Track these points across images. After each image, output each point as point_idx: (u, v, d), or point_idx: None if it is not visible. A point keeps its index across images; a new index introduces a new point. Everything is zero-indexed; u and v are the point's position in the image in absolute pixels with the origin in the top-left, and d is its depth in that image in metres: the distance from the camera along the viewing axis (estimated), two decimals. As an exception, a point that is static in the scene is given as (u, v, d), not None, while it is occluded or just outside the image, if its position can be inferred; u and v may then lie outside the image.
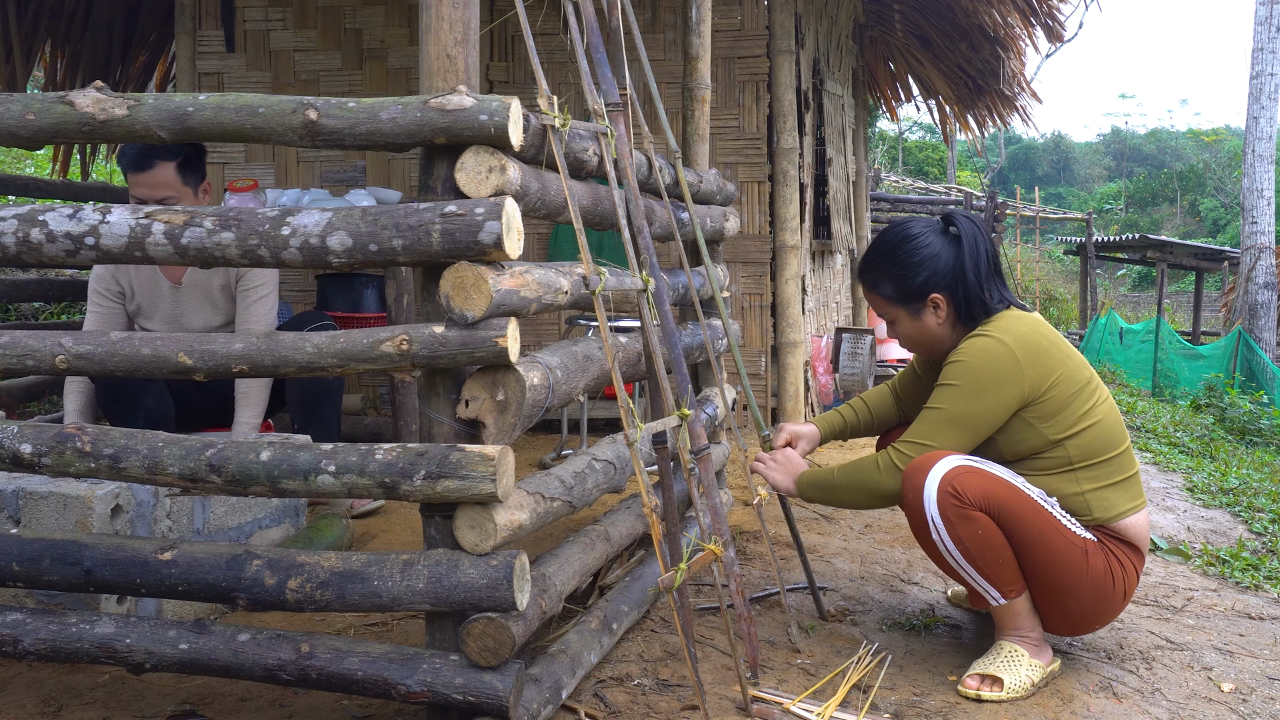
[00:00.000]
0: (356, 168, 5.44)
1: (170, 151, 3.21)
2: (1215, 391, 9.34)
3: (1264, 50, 12.24)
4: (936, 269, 2.42)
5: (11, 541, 2.07)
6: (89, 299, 3.43)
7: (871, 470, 2.38)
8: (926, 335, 2.47)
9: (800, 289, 5.39)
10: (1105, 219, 35.94)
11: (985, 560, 2.27)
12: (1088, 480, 2.35)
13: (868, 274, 2.51)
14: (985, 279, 2.41)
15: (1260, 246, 12.36)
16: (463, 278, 1.79)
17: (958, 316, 2.43)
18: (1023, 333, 2.34)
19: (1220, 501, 4.39)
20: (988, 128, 8.54)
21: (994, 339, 2.32)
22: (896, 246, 2.46)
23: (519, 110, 1.82)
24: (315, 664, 1.93)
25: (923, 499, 2.26)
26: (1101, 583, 2.32)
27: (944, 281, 2.41)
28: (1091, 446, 2.35)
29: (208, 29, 5.49)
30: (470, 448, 1.81)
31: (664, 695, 2.23)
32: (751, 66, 5.21)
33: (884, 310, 2.50)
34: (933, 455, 2.29)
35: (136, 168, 3.21)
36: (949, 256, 2.42)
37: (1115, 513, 2.35)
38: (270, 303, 3.41)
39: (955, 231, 2.45)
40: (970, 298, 2.41)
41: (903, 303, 2.46)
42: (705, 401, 3.22)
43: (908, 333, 2.50)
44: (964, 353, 2.34)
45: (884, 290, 2.47)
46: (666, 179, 2.89)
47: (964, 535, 2.25)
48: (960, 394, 2.31)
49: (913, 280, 2.43)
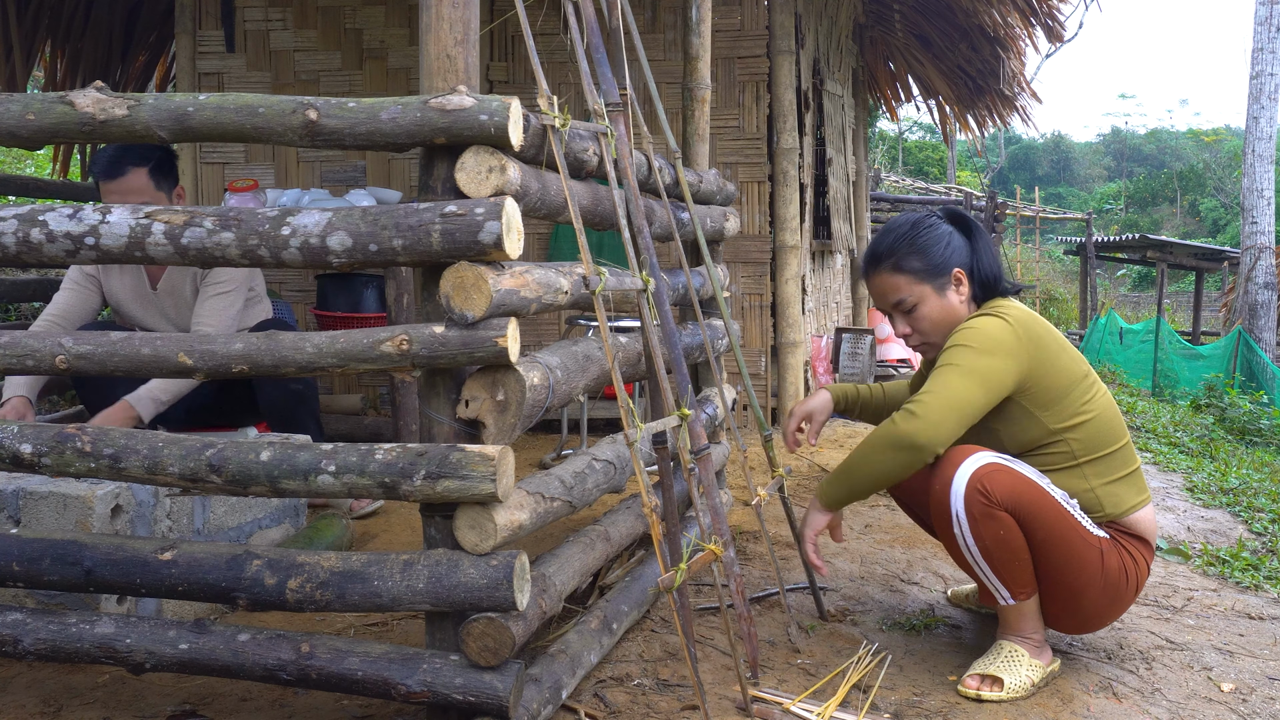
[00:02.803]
0: (356, 168, 5.44)
1: (143, 156, 3.18)
2: (1215, 391, 9.35)
3: (1264, 50, 12.25)
4: (955, 247, 2.46)
5: (11, 541, 2.07)
6: (67, 277, 3.38)
7: (888, 427, 2.30)
8: (950, 315, 2.45)
9: (800, 289, 5.39)
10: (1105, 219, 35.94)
11: (1003, 561, 2.27)
12: (1095, 476, 2.35)
13: (888, 257, 2.46)
14: (997, 264, 2.50)
15: (1260, 246, 12.36)
16: (463, 278, 1.79)
17: (974, 295, 2.47)
18: (1021, 317, 2.38)
19: (1220, 501, 4.39)
20: (988, 128, 8.54)
21: (997, 316, 2.37)
22: (913, 227, 2.47)
23: (519, 110, 1.82)
24: (315, 664, 1.93)
25: (950, 492, 2.26)
26: (1116, 581, 2.32)
27: (963, 260, 2.46)
28: (1094, 440, 2.35)
29: (208, 29, 5.48)
30: (470, 448, 1.81)
31: (664, 695, 2.23)
32: (751, 66, 5.21)
33: (908, 290, 2.44)
34: (964, 449, 2.29)
35: (109, 175, 3.17)
36: (961, 239, 2.48)
37: (1125, 508, 2.36)
38: (229, 301, 3.30)
39: (961, 222, 2.52)
40: (986, 277, 2.46)
41: (930, 277, 2.44)
42: (705, 401, 3.22)
43: (932, 313, 2.45)
44: (970, 323, 2.38)
45: (910, 265, 2.44)
46: (666, 179, 2.89)
47: (986, 534, 2.25)
48: (970, 350, 2.31)
49: (939, 253, 2.44)
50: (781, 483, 2.80)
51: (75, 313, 3.33)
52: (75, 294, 3.36)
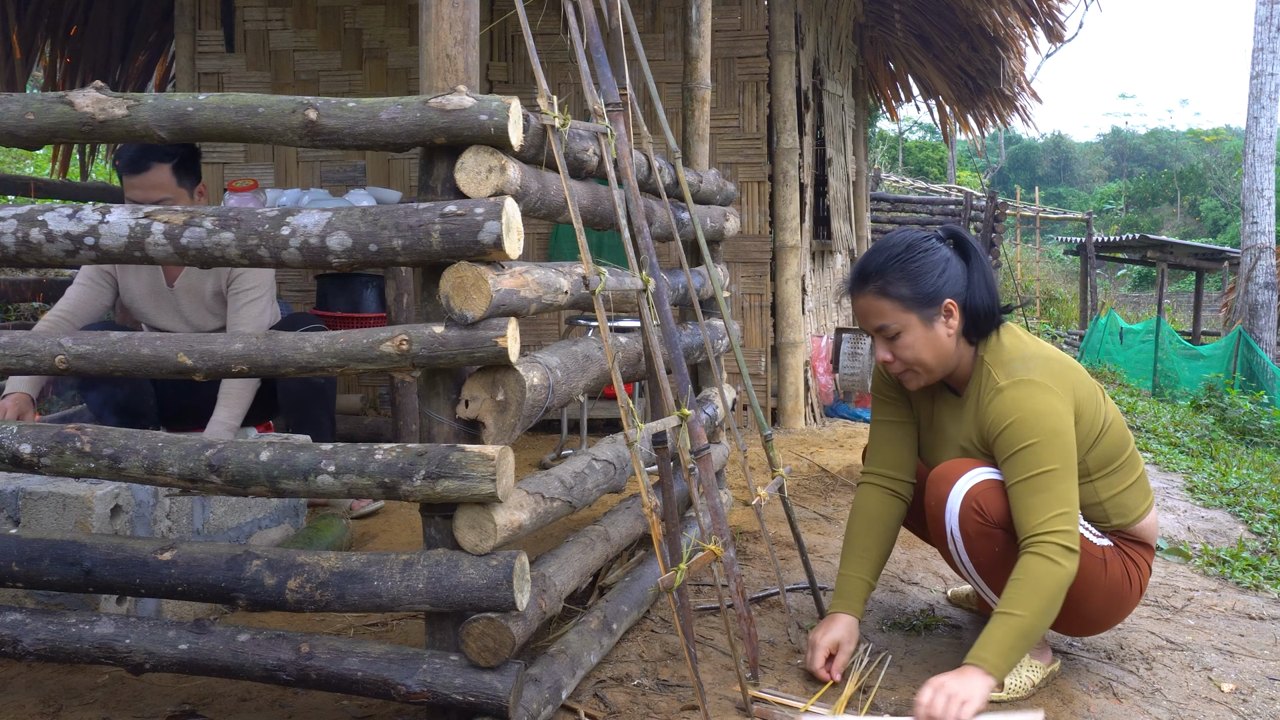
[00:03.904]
0: (356, 168, 5.44)
1: (166, 153, 3.20)
2: (1215, 391, 9.34)
3: (1264, 50, 12.23)
4: (950, 274, 2.29)
5: (11, 541, 2.07)
6: (80, 272, 3.39)
7: (1053, 574, 2.11)
8: (935, 348, 2.28)
9: (800, 289, 5.39)
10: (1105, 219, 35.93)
11: (999, 577, 2.25)
12: (1105, 489, 2.33)
13: (876, 278, 2.28)
14: (994, 294, 2.32)
15: (1260, 246, 12.35)
16: (463, 278, 1.78)
17: (965, 329, 2.30)
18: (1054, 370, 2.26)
19: (1220, 501, 4.39)
20: (988, 128, 8.54)
21: (1030, 383, 2.22)
22: (908, 249, 2.29)
23: (519, 110, 1.82)
24: (315, 664, 1.92)
25: (945, 509, 2.25)
26: (1119, 587, 2.32)
27: (956, 289, 2.28)
28: (1107, 454, 2.33)
29: (208, 29, 5.48)
30: (470, 448, 1.81)
31: (664, 695, 2.23)
32: (751, 66, 5.21)
33: (892, 318, 2.27)
34: (960, 464, 2.26)
35: (132, 170, 3.20)
36: (959, 266, 2.31)
37: (1132, 517, 2.35)
38: (261, 306, 3.35)
39: (961, 245, 2.36)
40: (980, 311, 2.29)
41: (918, 307, 2.26)
42: (705, 401, 3.22)
43: (915, 344, 2.27)
44: (1016, 408, 2.21)
45: (898, 292, 2.26)
46: (666, 179, 2.89)
47: (981, 551, 2.25)
48: (1046, 445, 2.17)
49: (930, 281, 2.26)
50: (781, 483, 2.80)
51: (86, 309, 3.33)
52: (87, 290, 3.36)
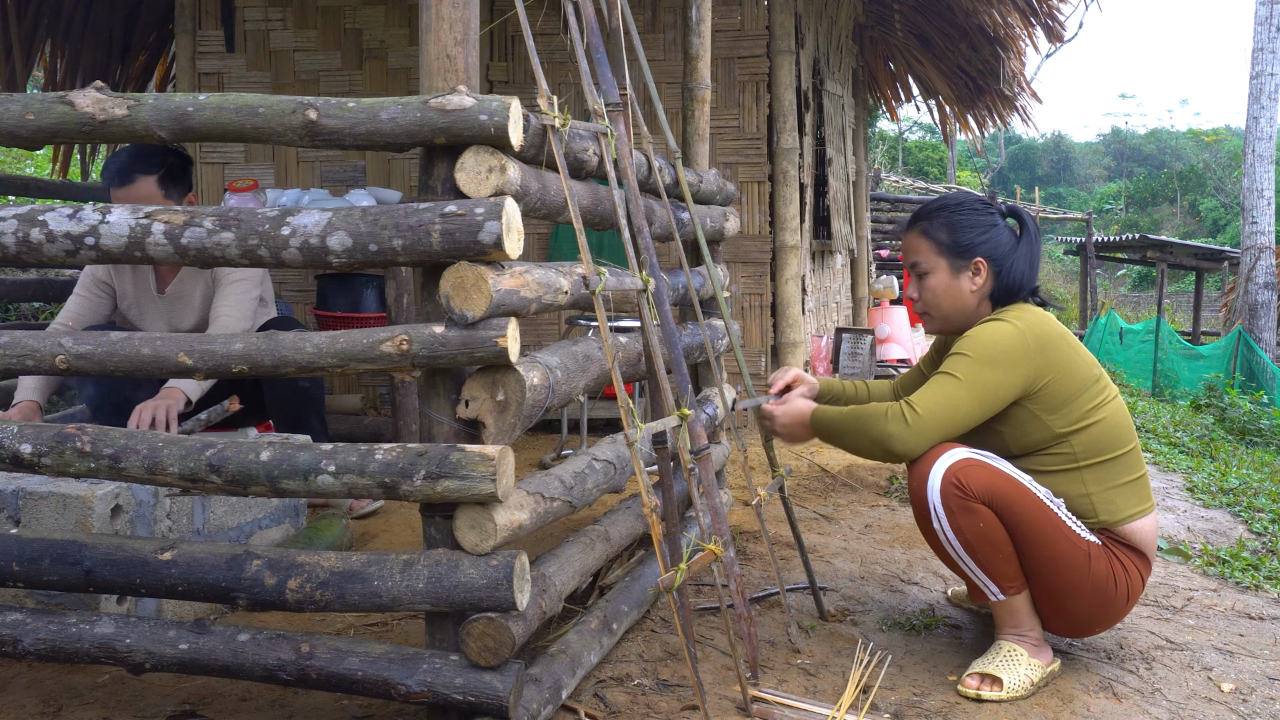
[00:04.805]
0: (356, 168, 5.44)
1: (151, 165, 3.20)
2: (1215, 391, 9.34)
3: (1264, 50, 12.24)
4: (993, 240, 2.45)
5: (11, 541, 2.07)
6: (79, 283, 3.40)
7: (880, 419, 2.33)
8: (955, 298, 2.45)
9: (800, 289, 5.39)
10: (1105, 219, 35.94)
11: (985, 554, 2.28)
12: (1094, 481, 2.35)
13: (926, 220, 2.49)
14: (1032, 273, 2.47)
15: (1260, 246, 12.35)
16: (463, 278, 1.79)
17: (992, 293, 2.45)
18: (1033, 322, 2.37)
19: (1220, 501, 4.39)
20: (988, 128, 8.55)
21: (1006, 322, 2.36)
22: (960, 205, 2.48)
23: (519, 110, 1.82)
24: (315, 664, 1.93)
25: (926, 487, 2.28)
26: (1104, 587, 2.32)
27: (994, 254, 2.44)
28: (1097, 444, 2.35)
29: (208, 29, 5.49)
30: (470, 448, 1.81)
31: (664, 695, 2.23)
32: (751, 66, 5.21)
33: (925, 258, 2.46)
34: (940, 446, 2.31)
35: (117, 183, 3.21)
36: (1008, 238, 2.47)
37: (1120, 516, 2.35)
38: (244, 290, 3.33)
39: (1019, 223, 2.51)
40: (1012, 283, 2.44)
41: (950, 254, 2.44)
42: (705, 401, 3.22)
43: (937, 289, 2.46)
44: (977, 330, 2.37)
45: (937, 235, 2.45)
46: (666, 179, 2.89)
47: (965, 526, 2.26)
48: (972, 362, 2.31)
49: (970, 236, 2.44)
50: (781, 483, 2.80)
51: (86, 320, 3.35)
52: (85, 301, 3.38)
